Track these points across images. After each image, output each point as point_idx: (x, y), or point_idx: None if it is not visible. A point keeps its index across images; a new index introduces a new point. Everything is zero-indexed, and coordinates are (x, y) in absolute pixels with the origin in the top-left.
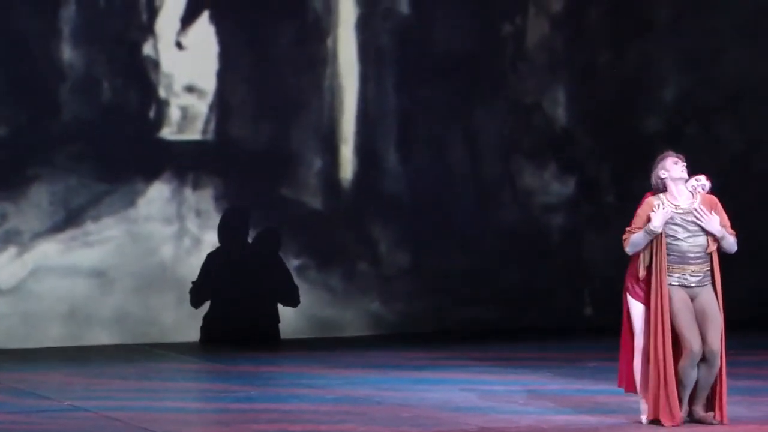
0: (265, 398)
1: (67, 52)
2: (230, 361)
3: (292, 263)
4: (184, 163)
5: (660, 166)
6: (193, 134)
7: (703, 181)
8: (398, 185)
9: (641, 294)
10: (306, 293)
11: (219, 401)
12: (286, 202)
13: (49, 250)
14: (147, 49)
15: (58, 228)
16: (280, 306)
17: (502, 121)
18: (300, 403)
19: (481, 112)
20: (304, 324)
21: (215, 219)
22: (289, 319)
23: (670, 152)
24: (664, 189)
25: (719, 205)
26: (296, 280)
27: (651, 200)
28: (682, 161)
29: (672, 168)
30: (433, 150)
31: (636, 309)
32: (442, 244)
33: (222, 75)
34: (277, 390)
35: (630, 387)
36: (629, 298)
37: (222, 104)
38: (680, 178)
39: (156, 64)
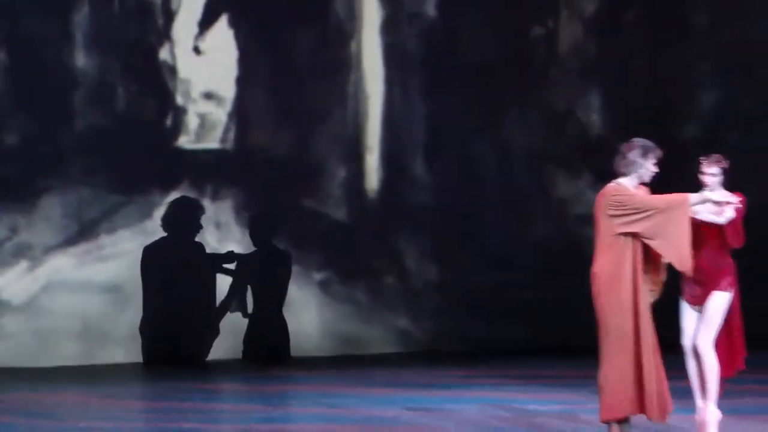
0: (286, 419)
1: (81, 59)
2: (250, 380)
3: (315, 277)
4: (202, 174)
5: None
6: (212, 143)
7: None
8: (426, 196)
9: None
10: (330, 308)
11: (239, 422)
12: (308, 214)
13: (62, 265)
14: (163, 54)
15: (71, 241)
16: (298, 322)
17: (534, 129)
18: (323, 424)
19: (512, 119)
20: (327, 341)
21: (235, 231)
22: (312, 335)
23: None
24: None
25: None
26: (320, 295)
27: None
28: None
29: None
30: (462, 159)
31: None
32: (472, 258)
33: (242, 81)
34: (299, 410)
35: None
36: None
37: (242, 111)
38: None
39: (173, 70)
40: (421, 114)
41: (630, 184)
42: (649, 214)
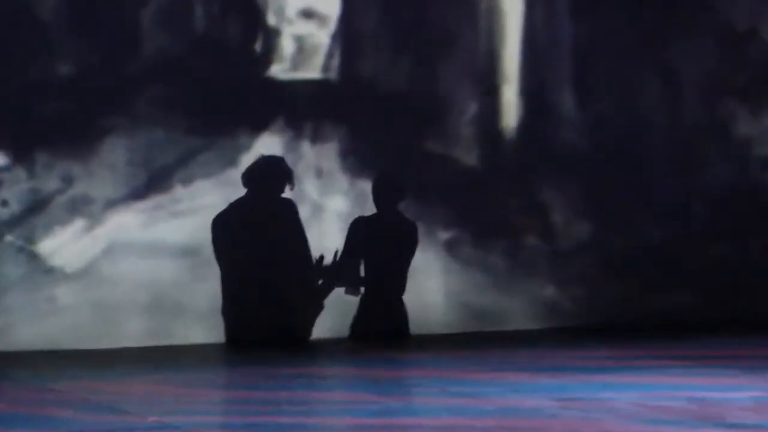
0: (407, 411)
1: None
2: (361, 363)
3: (440, 237)
4: (300, 110)
5: None
6: (312, 72)
7: None
8: (575, 136)
9: None
10: (458, 275)
11: (349, 415)
12: (431, 159)
13: (127, 223)
14: None
15: (138, 194)
16: (419, 292)
17: (708, 54)
18: (453, 417)
19: (681, 42)
20: (456, 315)
21: (341, 180)
22: (436, 308)
23: None
24: None
25: None
26: (446, 259)
27: None
28: None
29: None
30: (619, 91)
31: None
32: (633, 212)
33: None
34: (422, 400)
35: None
36: None
37: (349, 33)
38: None
39: None
40: (570, 36)
41: None
42: None
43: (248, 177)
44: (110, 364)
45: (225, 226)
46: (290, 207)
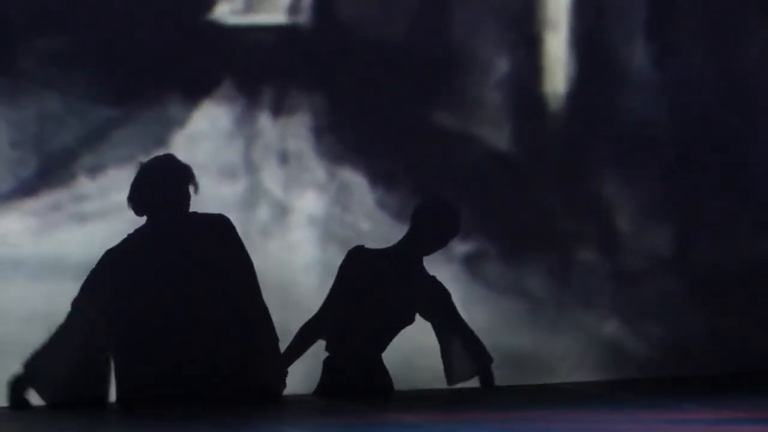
0: None
1: None
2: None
3: (457, 249)
4: (257, 68)
5: None
6: (274, 14)
7: None
8: (651, 106)
9: None
10: (482, 303)
11: None
12: (443, 139)
13: (12, 229)
14: None
15: (27, 189)
16: (422, 328)
17: None
18: None
19: None
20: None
21: (315, 170)
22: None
23: None
24: None
25: None
26: (464, 280)
27: None
28: None
29: None
30: (714, 40)
31: None
32: (733, 214)
33: None
34: None
35: None
36: None
37: None
38: None
39: None
40: None
41: None
42: None
43: (140, 197)
44: None
45: (121, 270)
46: (223, 227)
